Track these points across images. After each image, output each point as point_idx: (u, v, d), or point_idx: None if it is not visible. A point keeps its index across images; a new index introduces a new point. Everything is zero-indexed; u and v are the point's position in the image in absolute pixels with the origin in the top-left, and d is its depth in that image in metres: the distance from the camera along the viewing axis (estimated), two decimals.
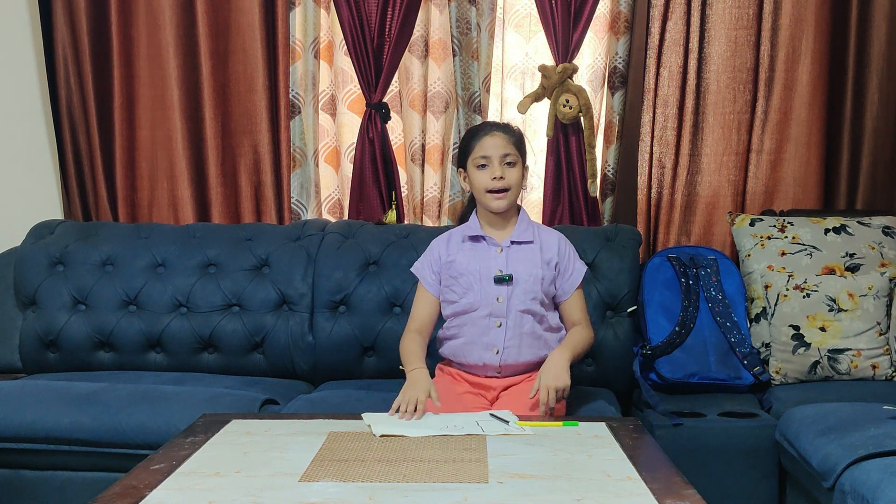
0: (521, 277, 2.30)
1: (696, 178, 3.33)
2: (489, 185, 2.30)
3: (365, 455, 1.79)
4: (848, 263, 2.89)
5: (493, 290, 2.30)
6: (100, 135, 3.43)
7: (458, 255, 2.37)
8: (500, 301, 2.30)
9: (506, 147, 2.31)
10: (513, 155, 2.31)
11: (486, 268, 2.32)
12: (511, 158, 2.31)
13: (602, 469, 1.71)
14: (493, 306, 2.30)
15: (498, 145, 2.31)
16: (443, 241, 2.43)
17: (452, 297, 2.35)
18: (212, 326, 2.97)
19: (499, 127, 2.36)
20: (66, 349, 3.01)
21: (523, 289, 2.30)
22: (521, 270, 2.31)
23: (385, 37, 3.23)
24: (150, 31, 3.40)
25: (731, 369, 2.75)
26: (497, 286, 2.30)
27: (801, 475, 2.34)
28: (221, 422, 2.07)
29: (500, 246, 2.34)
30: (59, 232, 3.15)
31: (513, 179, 2.31)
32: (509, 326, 2.30)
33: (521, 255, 2.34)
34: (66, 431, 2.44)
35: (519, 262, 2.32)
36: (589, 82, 3.30)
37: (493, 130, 2.34)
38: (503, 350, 2.31)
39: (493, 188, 2.30)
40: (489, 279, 2.31)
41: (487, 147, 2.31)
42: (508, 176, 2.30)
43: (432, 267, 2.40)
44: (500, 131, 2.34)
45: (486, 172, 2.30)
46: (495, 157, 2.30)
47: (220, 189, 3.45)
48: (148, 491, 1.60)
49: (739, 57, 3.26)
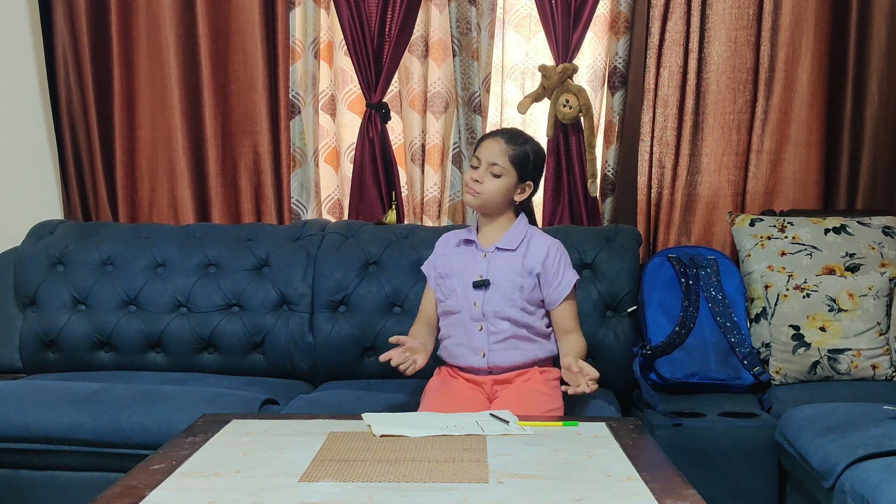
0: (499, 284, 2.32)
1: (696, 179, 3.33)
2: (468, 181, 2.34)
3: (365, 455, 1.79)
4: (848, 263, 2.89)
5: (472, 295, 2.33)
6: (100, 135, 3.44)
7: (451, 256, 2.42)
8: (477, 306, 2.33)
9: (498, 156, 2.30)
10: (501, 167, 2.30)
11: (469, 271, 2.35)
12: (498, 170, 2.30)
13: (602, 469, 1.71)
14: (472, 310, 2.33)
15: (492, 151, 2.31)
16: (444, 240, 2.49)
17: (440, 296, 2.41)
18: (212, 326, 2.97)
19: (505, 135, 2.35)
20: (66, 349, 3.01)
21: (502, 295, 2.32)
22: (501, 277, 2.33)
23: (385, 37, 3.23)
24: (150, 31, 3.40)
25: (731, 369, 2.75)
26: (475, 290, 2.33)
27: (801, 475, 2.34)
28: (221, 422, 2.07)
29: (485, 251, 2.36)
30: (59, 232, 3.15)
31: (489, 188, 2.30)
32: (490, 331, 2.33)
33: (502, 262, 2.35)
34: (66, 431, 2.44)
35: (500, 269, 2.34)
36: (589, 82, 3.30)
37: (497, 136, 2.35)
38: (488, 353, 2.34)
39: (468, 185, 2.34)
40: (469, 283, 2.34)
41: (483, 148, 2.33)
42: (486, 184, 2.30)
43: (434, 265, 2.45)
44: (503, 138, 2.33)
45: (472, 172, 2.33)
46: (484, 160, 2.31)
47: (220, 189, 3.45)
48: (148, 491, 1.59)
49: (739, 57, 3.26)
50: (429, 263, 2.48)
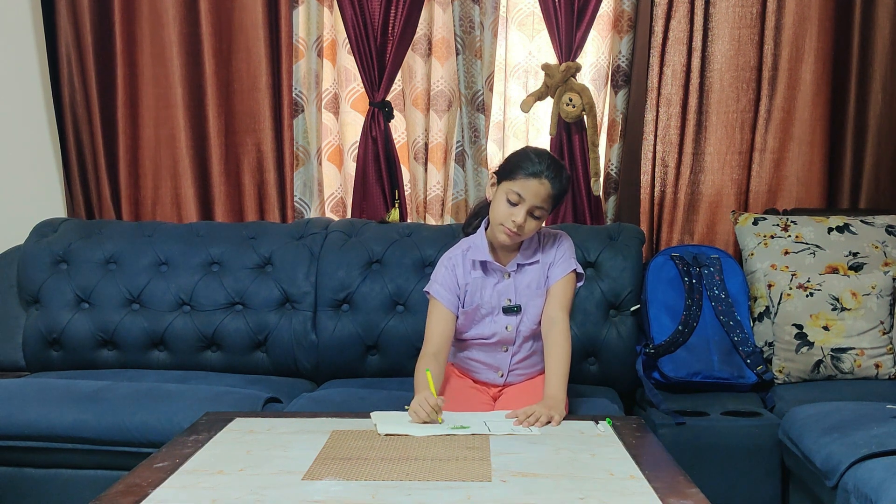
0: (527, 306, 2.28)
1: (700, 177, 3.33)
2: (505, 223, 2.19)
3: (368, 453, 1.79)
4: (851, 262, 2.88)
5: (503, 320, 2.29)
6: (103, 133, 3.44)
7: (470, 282, 2.28)
8: (509, 329, 2.29)
9: (543, 200, 2.18)
10: (544, 210, 2.19)
11: (497, 298, 2.28)
12: (540, 213, 2.19)
13: (605, 468, 1.71)
14: (503, 334, 2.29)
15: (538, 195, 2.17)
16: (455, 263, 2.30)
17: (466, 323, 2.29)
18: (215, 325, 2.97)
19: (550, 175, 2.17)
20: (70, 347, 3.01)
21: (530, 317, 2.29)
22: (528, 297, 2.28)
23: (388, 35, 3.23)
24: (153, 29, 3.40)
25: (735, 368, 2.74)
26: (507, 316, 2.28)
27: (804, 474, 2.34)
28: (224, 420, 2.07)
29: (506, 270, 2.28)
30: (62, 230, 3.16)
31: (530, 230, 2.20)
32: (514, 353, 2.31)
33: (527, 279, 2.28)
34: (70, 430, 2.44)
35: (526, 288, 2.28)
36: (592, 81, 3.30)
37: (544, 177, 2.17)
38: (507, 374, 2.33)
39: (507, 227, 2.19)
40: (498, 309, 2.28)
41: (528, 189, 2.16)
42: (528, 226, 2.19)
43: (450, 288, 2.28)
44: (550, 181, 2.17)
45: (512, 210, 2.17)
46: (528, 204, 2.17)
47: (224, 188, 3.45)
48: (151, 489, 1.60)
49: (743, 56, 3.25)
50: (441, 286, 2.28)
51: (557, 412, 2.04)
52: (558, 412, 2.04)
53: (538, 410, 2.03)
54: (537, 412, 2.02)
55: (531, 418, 2.01)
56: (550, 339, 2.24)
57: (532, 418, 2.01)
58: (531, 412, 2.03)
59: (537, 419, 2.01)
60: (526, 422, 2.00)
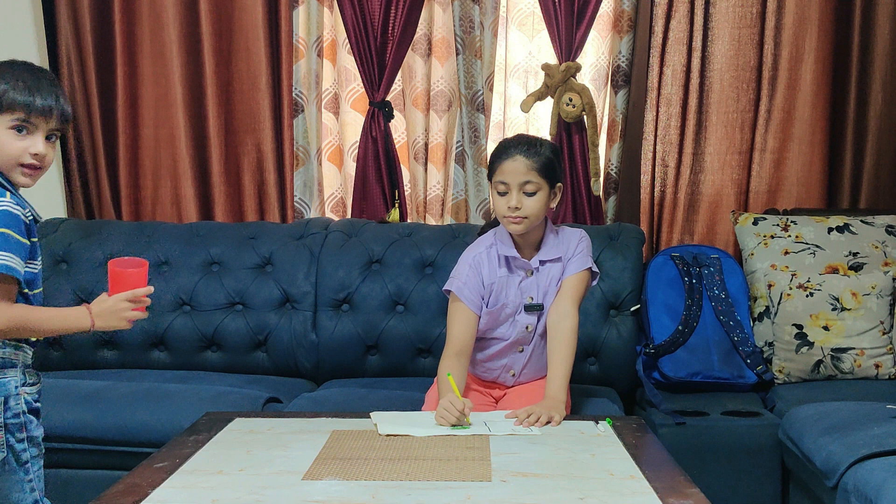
0: (548, 305, 2.26)
1: (700, 177, 3.33)
2: (505, 213, 2.17)
3: (368, 453, 1.79)
4: (851, 262, 2.88)
5: (525, 319, 2.26)
6: (103, 133, 3.44)
7: (496, 280, 2.24)
8: (529, 329, 2.27)
9: (526, 174, 2.14)
10: (534, 183, 2.14)
11: (520, 296, 2.25)
12: (531, 187, 2.14)
13: (605, 468, 1.71)
14: (522, 335, 2.28)
15: (517, 171, 2.14)
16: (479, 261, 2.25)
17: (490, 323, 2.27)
18: (215, 325, 2.97)
19: (521, 149, 2.15)
20: (70, 347, 3.01)
21: None
22: (550, 298, 2.26)
23: (388, 35, 3.23)
24: (153, 29, 3.40)
25: (735, 368, 2.74)
26: (528, 315, 2.26)
27: (804, 474, 2.34)
28: (224, 420, 2.07)
29: (529, 268, 2.25)
30: (62, 230, 3.16)
31: (531, 209, 2.15)
32: (531, 352, 2.30)
33: (549, 276, 2.25)
34: (70, 429, 2.44)
35: (548, 286, 2.25)
36: (592, 81, 3.30)
37: (514, 153, 2.15)
38: (519, 374, 2.33)
39: (506, 215, 2.17)
40: (520, 307, 2.25)
41: (507, 172, 2.15)
42: (526, 205, 2.14)
43: (474, 288, 2.23)
44: (523, 154, 2.14)
45: (505, 199, 2.16)
46: (513, 184, 2.14)
47: (224, 187, 3.44)
48: (151, 489, 1.60)
49: (743, 56, 3.25)
50: (465, 285, 2.23)
51: (557, 412, 2.04)
52: (558, 412, 2.04)
53: (538, 410, 2.03)
54: (537, 412, 2.02)
55: (531, 418, 2.01)
56: (558, 335, 2.20)
57: (532, 418, 2.01)
58: (531, 412, 2.03)
59: (537, 419, 2.01)
60: (526, 422, 2.00)
